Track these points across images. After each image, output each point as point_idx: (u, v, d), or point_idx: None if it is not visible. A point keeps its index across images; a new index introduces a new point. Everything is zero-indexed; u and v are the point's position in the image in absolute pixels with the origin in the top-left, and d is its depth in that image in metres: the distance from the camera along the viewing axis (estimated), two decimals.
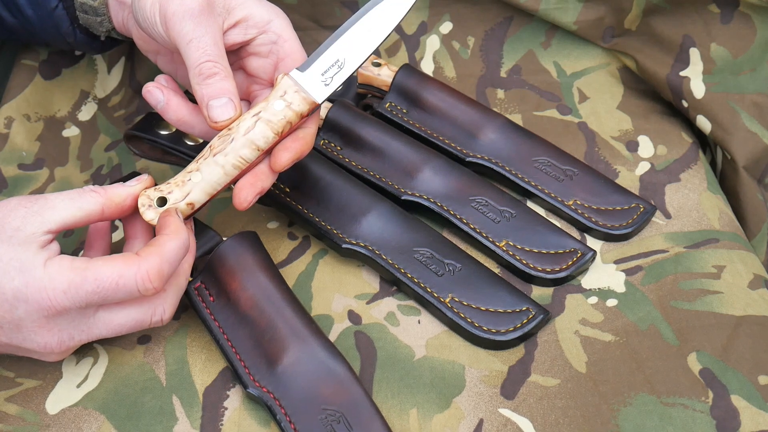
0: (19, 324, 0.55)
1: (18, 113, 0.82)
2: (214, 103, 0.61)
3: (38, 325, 0.56)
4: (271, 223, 0.74)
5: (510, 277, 0.68)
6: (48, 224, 0.56)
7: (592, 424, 0.58)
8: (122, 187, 0.61)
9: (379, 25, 0.65)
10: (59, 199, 0.57)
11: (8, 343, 0.57)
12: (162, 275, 0.56)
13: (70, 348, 0.58)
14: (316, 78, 0.64)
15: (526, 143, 0.75)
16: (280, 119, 0.62)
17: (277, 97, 0.62)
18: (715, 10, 0.78)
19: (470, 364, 0.62)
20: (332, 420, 0.57)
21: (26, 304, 0.54)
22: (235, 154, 0.61)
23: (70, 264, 0.55)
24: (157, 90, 0.64)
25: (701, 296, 0.65)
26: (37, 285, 0.54)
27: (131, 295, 0.56)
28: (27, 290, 0.54)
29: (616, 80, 0.85)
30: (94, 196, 0.59)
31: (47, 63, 0.85)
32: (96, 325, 0.58)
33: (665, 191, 0.74)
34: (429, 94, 0.78)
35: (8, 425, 0.60)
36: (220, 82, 0.61)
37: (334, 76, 0.64)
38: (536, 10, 0.84)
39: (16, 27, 0.76)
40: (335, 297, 0.67)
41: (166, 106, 0.64)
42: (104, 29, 0.73)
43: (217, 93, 0.61)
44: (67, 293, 0.54)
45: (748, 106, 0.77)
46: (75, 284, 0.54)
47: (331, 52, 0.64)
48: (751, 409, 0.58)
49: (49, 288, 0.54)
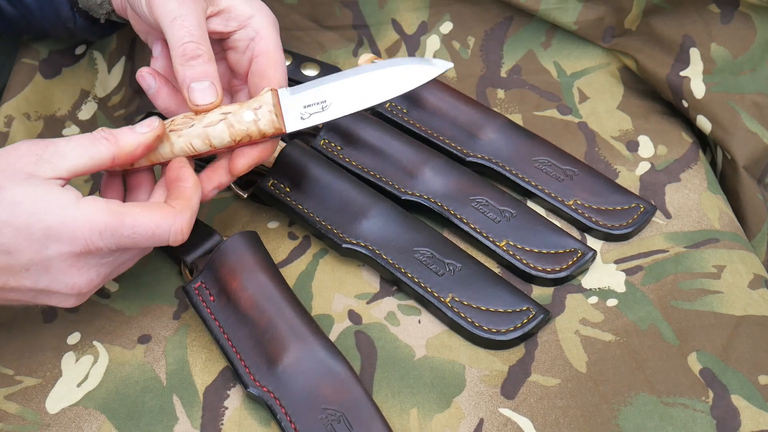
0: (48, 265, 0.55)
1: (18, 112, 0.82)
2: (196, 86, 0.60)
3: (68, 265, 0.55)
4: (272, 223, 0.74)
5: (510, 276, 0.68)
6: (58, 171, 0.56)
7: (592, 423, 0.58)
8: (133, 134, 0.59)
9: (385, 86, 0.62)
10: (70, 146, 0.57)
11: (32, 287, 0.56)
12: (191, 228, 0.58)
13: (96, 287, 0.58)
14: (297, 107, 0.63)
15: (526, 143, 0.75)
16: (242, 129, 0.61)
17: (251, 107, 0.61)
18: (715, 10, 0.78)
19: (470, 364, 0.62)
20: (332, 419, 0.57)
21: (58, 243, 0.54)
22: (188, 139, 0.61)
23: (106, 206, 0.55)
24: (150, 76, 0.64)
25: (701, 296, 0.65)
26: (71, 224, 0.54)
27: (160, 243, 0.57)
28: (61, 229, 0.54)
29: (616, 80, 0.85)
30: (105, 145, 0.58)
31: (47, 62, 0.85)
32: (121, 261, 0.58)
33: (665, 191, 0.74)
34: (429, 94, 0.78)
35: (8, 424, 0.60)
36: (203, 65, 0.60)
37: (313, 114, 0.63)
38: (536, 10, 0.84)
39: (14, 17, 0.76)
40: (335, 297, 0.67)
41: (156, 93, 0.64)
42: (104, 11, 0.72)
43: (199, 76, 0.60)
44: (102, 234, 0.55)
45: (748, 106, 0.77)
46: (111, 227, 0.55)
47: (322, 90, 0.63)
48: (751, 409, 0.58)
49: (85, 227, 0.54)
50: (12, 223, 0.54)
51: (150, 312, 0.67)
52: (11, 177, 0.54)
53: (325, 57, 0.88)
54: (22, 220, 0.54)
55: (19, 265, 0.55)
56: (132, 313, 0.67)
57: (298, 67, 0.84)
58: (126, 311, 0.67)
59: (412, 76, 0.62)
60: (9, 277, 0.55)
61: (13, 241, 0.54)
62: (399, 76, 0.62)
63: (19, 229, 0.54)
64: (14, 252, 0.54)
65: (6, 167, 0.55)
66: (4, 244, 0.54)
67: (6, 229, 0.54)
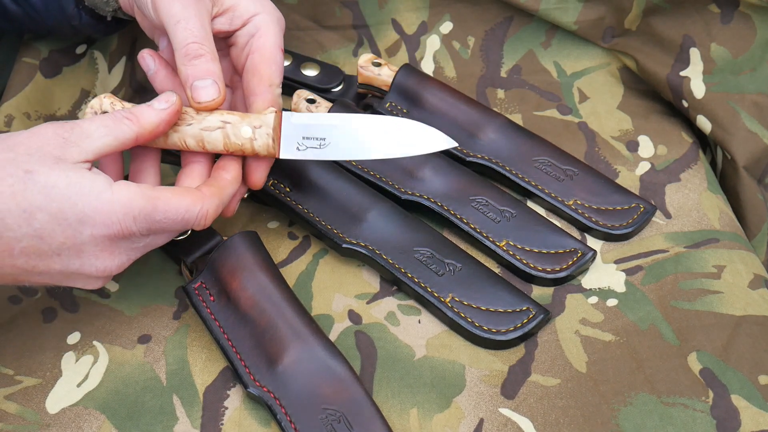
0: (80, 249, 0.55)
1: (18, 111, 0.82)
2: (199, 84, 0.61)
3: (101, 249, 0.56)
4: (272, 223, 0.74)
5: (510, 276, 0.68)
6: (85, 154, 0.56)
7: (592, 423, 0.58)
8: (153, 111, 0.59)
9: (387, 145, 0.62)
10: (94, 126, 0.57)
11: (62, 270, 0.56)
12: (216, 215, 0.59)
13: (124, 268, 0.59)
14: (297, 137, 0.63)
15: (526, 143, 0.75)
16: (236, 143, 0.61)
17: (252, 124, 0.61)
18: (715, 10, 0.78)
19: (470, 364, 0.62)
20: (332, 419, 0.57)
21: (92, 228, 0.55)
22: (182, 136, 0.61)
23: (139, 191, 0.56)
24: (150, 58, 0.65)
25: (701, 296, 0.65)
26: (106, 209, 0.54)
27: (187, 227, 0.59)
28: (95, 214, 0.54)
29: (616, 80, 0.85)
30: (128, 125, 0.58)
31: (48, 61, 0.85)
32: (149, 244, 0.59)
33: (665, 191, 0.74)
34: (429, 94, 0.78)
35: (8, 424, 0.60)
36: (205, 64, 0.61)
37: (309, 149, 0.63)
38: (536, 10, 0.84)
39: (18, 15, 0.76)
40: (335, 297, 0.67)
41: (155, 74, 0.65)
42: (110, 8, 0.72)
43: (202, 74, 0.61)
44: (136, 219, 0.55)
45: (748, 106, 0.77)
46: (145, 212, 0.55)
47: (326, 128, 0.63)
48: (751, 409, 0.58)
49: (120, 212, 0.55)
50: (46, 208, 0.53)
51: (150, 312, 0.67)
52: (41, 161, 0.54)
53: (325, 57, 0.88)
54: (56, 205, 0.54)
55: (50, 250, 0.55)
56: (132, 313, 0.67)
57: (298, 67, 0.84)
58: (126, 311, 0.67)
59: (417, 144, 0.62)
60: (38, 261, 0.55)
61: (46, 227, 0.54)
62: (403, 141, 0.62)
63: (53, 214, 0.54)
64: (46, 237, 0.54)
65: (35, 150, 0.54)
66: (37, 229, 0.54)
67: (39, 214, 0.53)
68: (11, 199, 0.53)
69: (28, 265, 0.55)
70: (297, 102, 0.77)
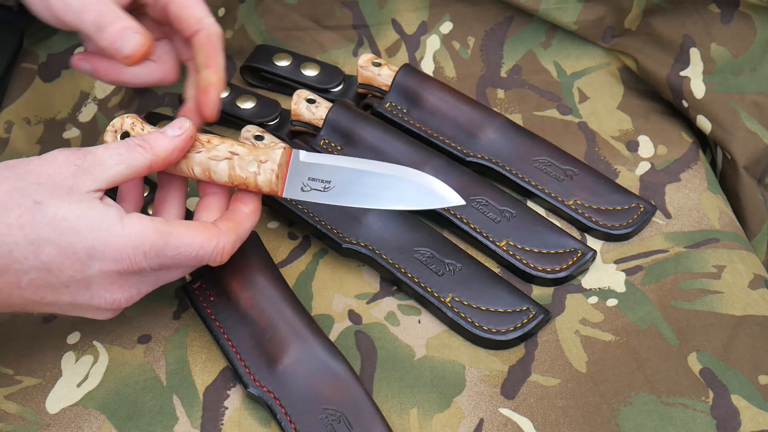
0: (89, 282, 0.54)
1: (18, 117, 0.82)
2: (119, 43, 0.60)
3: (110, 282, 0.55)
4: (271, 223, 0.74)
5: (510, 276, 0.68)
6: (98, 183, 0.55)
7: (592, 423, 0.58)
8: (166, 139, 0.58)
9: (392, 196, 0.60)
10: (107, 154, 0.56)
11: (71, 302, 0.55)
12: (233, 251, 0.58)
13: (134, 301, 0.58)
14: (303, 177, 0.61)
15: (526, 143, 0.75)
16: (240, 176, 0.60)
17: (258, 158, 0.59)
18: (715, 10, 0.78)
19: (470, 364, 0.62)
20: (332, 419, 0.57)
21: (101, 262, 0.54)
22: (191, 163, 0.60)
23: (151, 226, 0.55)
24: (82, 61, 0.65)
25: (701, 296, 0.65)
26: (116, 244, 0.53)
27: (201, 263, 0.58)
28: (105, 249, 0.53)
29: (616, 80, 0.85)
30: (142, 153, 0.57)
31: (46, 65, 0.85)
32: (162, 278, 0.58)
33: (665, 191, 0.74)
34: (429, 94, 0.78)
35: (8, 424, 0.60)
36: (117, 23, 0.60)
37: (313, 191, 0.61)
38: (536, 10, 0.84)
39: None
40: (335, 297, 0.67)
41: (95, 72, 0.65)
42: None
43: (118, 34, 0.60)
44: (147, 255, 0.54)
45: (748, 106, 0.77)
46: (157, 248, 0.54)
47: (333, 170, 0.61)
48: (751, 409, 0.58)
49: (130, 247, 0.54)
50: (55, 241, 0.52)
51: (150, 312, 0.67)
52: (52, 192, 0.53)
53: (325, 57, 0.88)
54: (65, 239, 0.52)
55: (59, 282, 0.54)
56: (132, 313, 0.67)
57: (298, 67, 0.84)
58: (126, 311, 0.67)
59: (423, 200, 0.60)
60: (47, 293, 0.54)
61: (54, 260, 0.53)
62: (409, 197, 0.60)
63: (61, 248, 0.53)
64: (55, 270, 0.53)
65: (46, 180, 0.53)
66: (44, 262, 0.52)
67: (48, 247, 0.52)
68: (19, 231, 0.52)
69: (36, 296, 0.54)
70: (297, 102, 0.77)
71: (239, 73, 0.87)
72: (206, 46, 0.64)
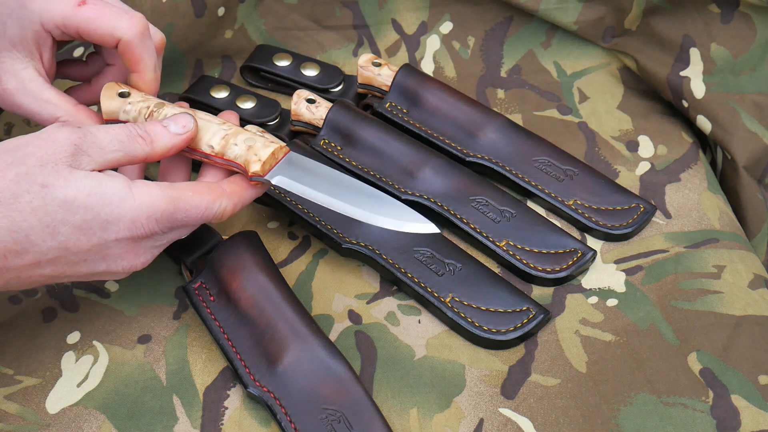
0: (105, 253, 0.56)
1: (18, 118, 0.82)
2: None
3: (125, 250, 0.57)
4: (272, 223, 0.74)
5: (510, 276, 0.68)
6: (94, 164, 0.56)
7: (592, 423, 0.58)
8: (168, 136, 0.59)
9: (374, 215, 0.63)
10: (108, 139, 0.57)
11: (89, 272, 0.57)
12: (234, 213, 0.60)
13: (148, 264, 0.59)
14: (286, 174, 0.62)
15: (526, 143, 0.75)
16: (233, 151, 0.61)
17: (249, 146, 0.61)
18: (715, 10, 0.78)
19: (470, 364, 0.62)
20: (332, 420, 0.57)
21: (117, 234, 0.55)
22: None
23: (160, 192, 0.56)
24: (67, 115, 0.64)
25: (701, 296, 0.65)
26: (130, 215, 0.55)
27: (207, 220, 0.59)
28: (119, 222, 0.55)
29: (616, 80, 0.85)
30: (141, 144, 0.58)
31: None
32: (171, 237, 0.59)
33: (665, 191, 0.74)
34: (429, 94, 0.78)
35: (8, 424, 0.60)
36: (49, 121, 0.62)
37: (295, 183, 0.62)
38: (536, 10, 0.84)
39: None
40: (335, 297, 0.67)
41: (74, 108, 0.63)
42: None
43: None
44: (159, 221, 0.56)
45: (748, 106, 0.77)
46: (167, 213, 0.56)
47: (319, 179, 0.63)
48: (751, 409, 0.58)
49: (144, 217, 0.55)
50: (69, 221, 0.54)
51: (150, 312, 0.67)
52: (56, 173, 0.54)
53: (325, 57, 0.88)
54: (79, 218, 0.54)
55: (77, 258, 0.55)
56: (132, 313, 0.67)
57: (298, 67, 0.84)
58: (126, 311, 0.67)
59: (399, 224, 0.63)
60: (66, 268, 0.56)
61: (71, 238, 0.54)
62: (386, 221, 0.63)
63: (76, 227, 0.54)
64: (72, 248, 0.54)
65: (47, 161, 0.54)
66: (62, 242, 0.54)
67: (63, 227, 0.54)
68: (32, 216, 0.53)
69: (55, 272, 0.56)
70: (297, 102, 0.77)
71: (239, 73, 0.87)
72: (125, 54, 0.62)
